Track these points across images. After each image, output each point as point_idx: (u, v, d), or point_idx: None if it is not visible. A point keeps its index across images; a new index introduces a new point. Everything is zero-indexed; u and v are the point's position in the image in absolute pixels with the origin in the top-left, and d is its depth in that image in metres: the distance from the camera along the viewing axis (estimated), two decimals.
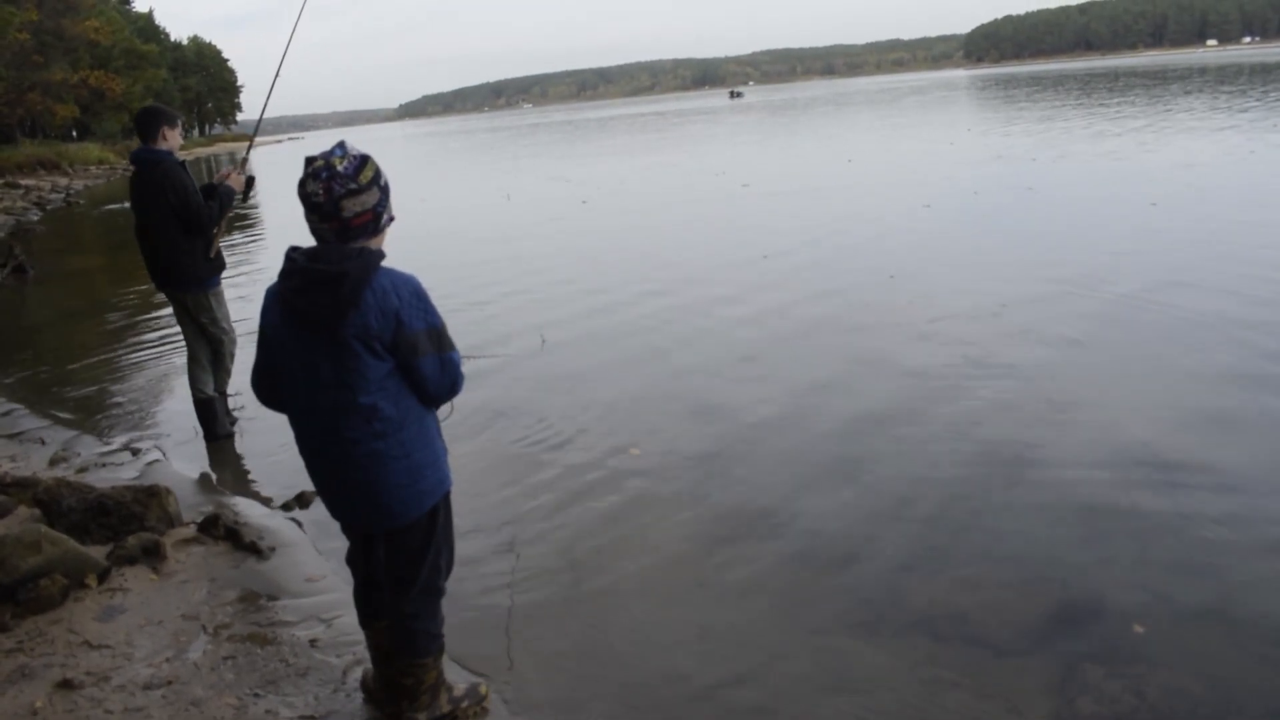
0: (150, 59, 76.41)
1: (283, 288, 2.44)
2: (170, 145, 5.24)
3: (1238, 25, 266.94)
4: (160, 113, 5.26)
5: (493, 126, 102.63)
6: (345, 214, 2.37)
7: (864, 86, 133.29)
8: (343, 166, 2.37)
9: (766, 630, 3.28)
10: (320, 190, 2.35)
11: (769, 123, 45.91)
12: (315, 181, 2.36)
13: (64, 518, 4.10)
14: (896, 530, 3.92)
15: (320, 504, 4.48)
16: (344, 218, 2.38)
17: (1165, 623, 3.14)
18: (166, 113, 5.30)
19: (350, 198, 2.37)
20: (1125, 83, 52.38)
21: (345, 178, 2.36)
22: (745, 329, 7.33)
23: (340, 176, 2.36)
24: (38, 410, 6.65)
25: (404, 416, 2.49)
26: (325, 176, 2.36)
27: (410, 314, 2.41)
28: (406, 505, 2.55)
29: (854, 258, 9.80)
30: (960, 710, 2.79)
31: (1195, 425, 4.76)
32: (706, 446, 4.97)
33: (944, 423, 5.02)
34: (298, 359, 2.46)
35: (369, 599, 2.80)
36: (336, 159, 2.38)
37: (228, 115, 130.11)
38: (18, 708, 2.93)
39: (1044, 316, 6.86)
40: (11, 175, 38.41)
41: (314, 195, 2.36)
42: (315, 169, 2.37)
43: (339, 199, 2.36)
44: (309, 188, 2.37)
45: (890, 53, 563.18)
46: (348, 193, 2.36)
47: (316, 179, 2.36)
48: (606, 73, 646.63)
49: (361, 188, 2.39)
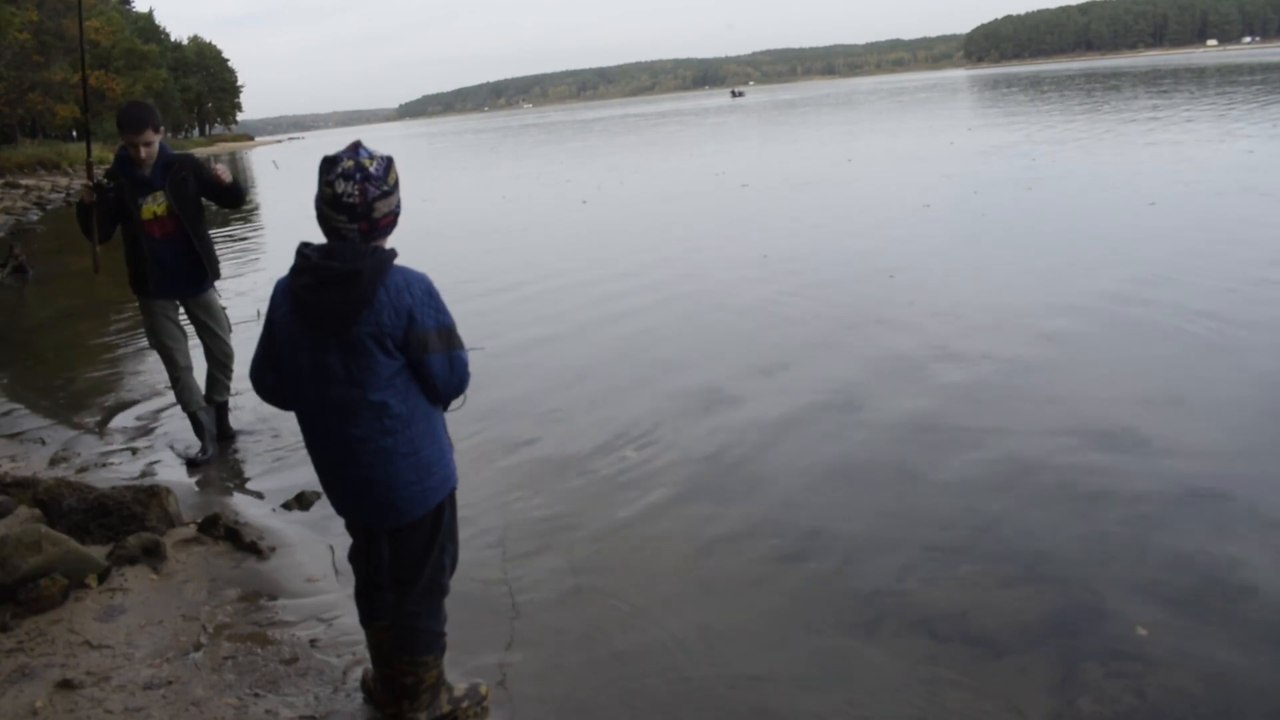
0: (150, 59, 76.49)
1: (294, 284, 2.43)
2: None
3: (1238, 25, 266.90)
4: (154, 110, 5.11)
5: (493, 127, 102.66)
6: (376, 215, 2.39)
7: (864, 86, 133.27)
8: (374, 168, 2.37)
9: (767, 630, 3.28)
10: (355, 192, 2.34)
11: (769, 123, 45.89)
12: (349, 183, 2.34)
13: (64, 518, 4.10)
14: (897, 530, 3.92)
15: (321, 504, 4.52)
16: (374, 218, 2.39)
17: (1166, 622, 3.14)
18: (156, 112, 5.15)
19: (383, 199, 2.39)
20: (1125, 83, 52.35)
21: (378, 179, 2.37)
22: (744, 328, 7.34)
23: (374, 179, 2.36)
24: (38, 410, 6.66)
25: (412, 414, 2.49)
26: (360, 178, 2.35)
27: (423, 312, 2.42)
28: (413, 502, 2.56)
29: (854, 257, 9.80)
30: (960, 710, 2.79)
31: (1194, 423, 4.76)
32: (706, 446, 4.97)
33: (944, 422, 5.02)
34: (307, 355, 2.46)
35: (370, 599, 2.80)
36: (366, 160, 2.37)
37: (228, 115, 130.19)
38: (18, 708, 2.93)
39: (1044, 315, 6.86)
40: (11, 175, 38.42)
41: (347, 196, 2.34)
42: (346, 170, 2.35)
43: (373, 200, 2.37)
44: (340, 188, 2.34)
45: (890, 53, 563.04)
46: (381, 194, 2.38)
47: (349, 180, 2.34)
48: (606, 73, 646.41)
49: (392, 189, 2.41)
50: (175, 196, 4.94)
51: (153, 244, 5.01)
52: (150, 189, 4.95)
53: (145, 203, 4.96)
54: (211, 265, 5.23)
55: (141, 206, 4.96)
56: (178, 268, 5.09)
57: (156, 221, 4.99)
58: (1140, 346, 6.06)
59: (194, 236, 5.06)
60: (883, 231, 11.16)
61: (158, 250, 5.03)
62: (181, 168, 4.99)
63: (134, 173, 4.94)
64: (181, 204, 4.97)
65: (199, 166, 5.08)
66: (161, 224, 5.00)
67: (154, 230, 5.00)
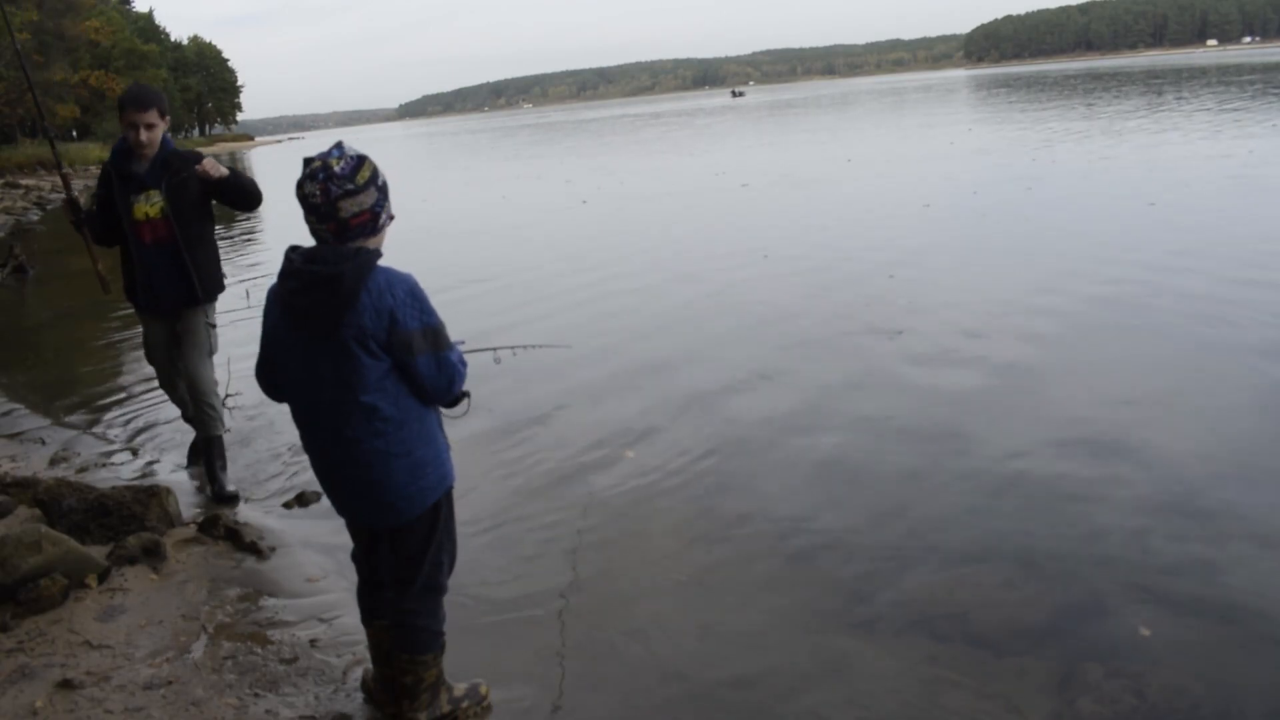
0: (150, 59, 76.50)
1: (282, 288, 2.45)
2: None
3: (1238, 25, 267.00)
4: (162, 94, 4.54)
5: (493, 127, 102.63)
6: (342, 215, 2.38)
7: (864, 86, 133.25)
8: (339, 167, 2.37)
9: (766, 630, 3.28)
10: (317, 191, 2.36)
11: (769, 122, 45.89)
12: (312, 183, 2.36)
13: (64, 518, 4.10)
14: (897, 530, 3.92)
15: (321, 504, 4.52)
16: (341, 218, 2.38)
17: (1166, 622, 3.14)
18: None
19: (347, 198, 2.37)
20: (1125, 83, 52.35)
21: (342, 179, 2.36)
22: (744, 328, 7.34)
23: (337, 178, 2.36)
24: (38, 410, 6.65)
25: (404, 415, 2.49)
26: (322, 178, 2.36)
27: (405, 313, 2.40)
28: (409, 502, 2.56)
29: (854, 257, 9.80)
30: (960, 710, 2.79)
31: (1192, 423, 4.76)
32: (705, 446, 4.96)
33: (944, 422, 5.02)
34: (298, 358, 2.47)
35: (370, 598, 2.80)
36: (334, 160, 2.38)
37: (228, 115, 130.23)
38: (18, 708, 2.93)
39: (1045, 316, 6.86)
40: (11, 175, 38.44)
41: (311, 196, 2.37)
42: (312, 170, 2.37)
43: (336, 200, 2.36)
44: (306, 189, 2.37)
45: (890, 53, 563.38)
46: (344, 194, 2.36)
47: (314, 180, 2.36)
48: (606, 73, 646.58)
49: (359, 188, 2.39)
50: (172, 197, 4.35)
51: (143, 250, 4.43)
52: (144, 186, 4.35)
53: (137, 201, 4.37)
54: (204, 282, 4.53)
55: (133, 205, 4.37)
56: (169, 279, 4.47)
57: (148, 224, 4.39)
58: (1141, 347, 6.06)
59: (184, 244, 4.42)
60: (883, 231, 11.16)
61: (147, 258, 4.43)
62: (184, 166, 4.38)
63: (128, 167, 4.37)
64: (178, 206, 4.36)
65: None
66: (154, 227, 4.40)
67: (144, 234, 4.41)
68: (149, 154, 4.35)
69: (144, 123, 4.28)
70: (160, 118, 4.35)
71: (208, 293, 4.58)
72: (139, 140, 4.29)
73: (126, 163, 4.39)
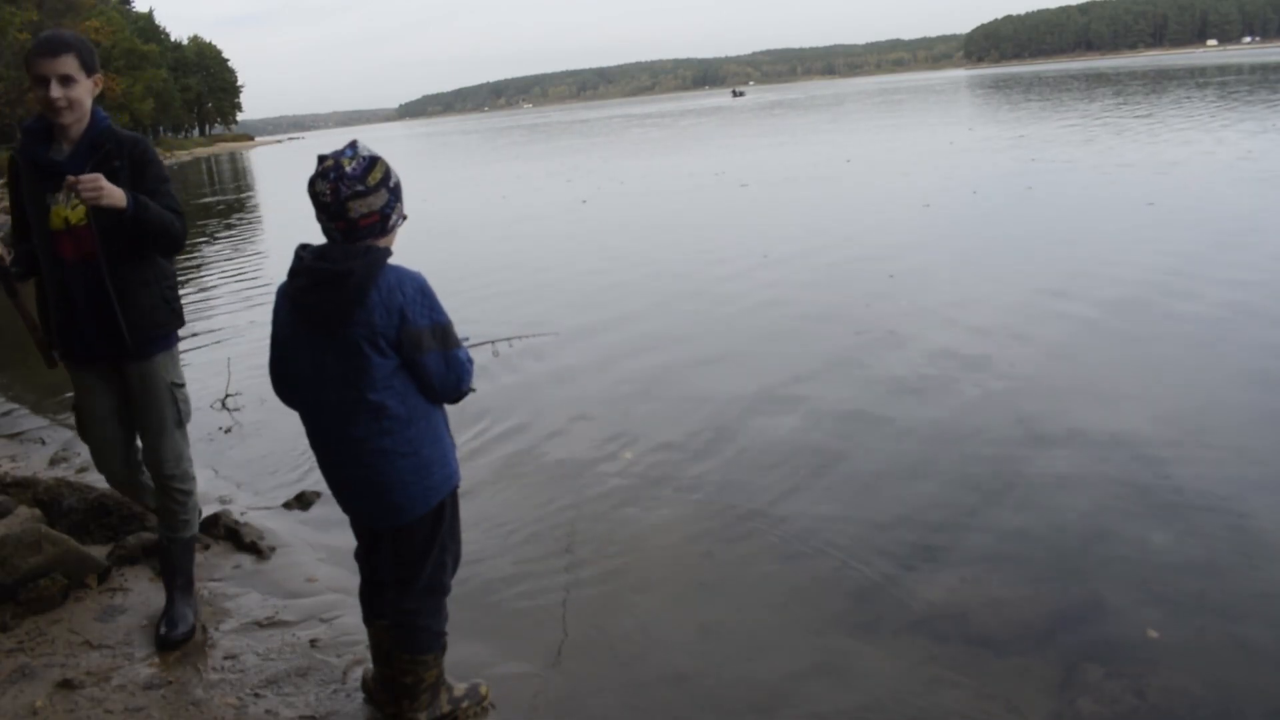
0: (150, 59, 76.58)
1: (290, 286, 2.45)
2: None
3: (1238, 25, 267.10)
4: (85, 41, 3.10)
5: (493, 127, 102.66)
6: (352, 215, 2.38)
7: (864, 86, 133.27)
8: (351, 168, 2.37)
9: (766, 630, 3.28)
10: (327, 190, 2.36)
11: (769, 122, 45.89)
12: (323, 181, 2.36)
13: (64, 518, 4.10)
14: (897, 530, 3.92)
15: (321, 504, 4.52)
16: (351, 218, 2.38)
17: (1168, 623, 3.14)
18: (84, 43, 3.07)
19: (357, 199, 2.37)
20: (1124, 82, 52.35)
21: (353, 179, 2.37)
22: (744, 328, 7.34)
23: (348, 178, 2.36)
24: (38, 410, 6.66)
25: (411, 414, 2.49)
26: (333, 177, 2.36)
27: (415, 310, 2.41)
28: (414, 501, 2.56)
29: (853, 257, 9.80)
30: (960, 710, 2.79)
31: (1192, 423, 4.76)
32: (706, 445, 4.97)
33: (944, 422, 5.02)
34: (306, 356, 2.47)
35: (372, 597, 2.80)
36: (346, 160, 2.38)
37: (228, 115, 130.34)
38: (18, 708, 2.93)
39: (1046, 316, 6.86)
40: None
41: (321, 195, 2.37)
42: (324, 169, 2.37)
43: (345, 200, 2.36)
44: (317, 187, 2.37)
45: (890, 53, 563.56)
46: (354, 194, 2.37)
47: (325, 179, 2.36)
48: (607, 73, 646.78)
49: (369, 189, 2.39)
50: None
51: (63, 271, 3.04)
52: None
53: (55, 202, 3.00)
54: (137, 321, 3.07)
55: (49, 209, 3.01)
56: (100, 314, 3.05)
57: (69, 234, 3.01)
58: (1142, 347, 6.06)
59: (107, 264, 3.00)
60: (883, 231, 11.17)
61: (68, 281, 3.04)
62: (118, 152, 3.02)
63: (44, 153, 3.02)
64: (105, 209, 2.86)
65: (146, 159, 3.07)
66: (77, 239, 3.01)
67: (65, 248, 3.02)
68: (72, 129, 3.01)
69: (55, 74, 2.92)
70: (83, 72, 2.98)
71: (139, 341, 3.10)
72: (51, 102, 2.93)
73: (42, 147, 3.03)
